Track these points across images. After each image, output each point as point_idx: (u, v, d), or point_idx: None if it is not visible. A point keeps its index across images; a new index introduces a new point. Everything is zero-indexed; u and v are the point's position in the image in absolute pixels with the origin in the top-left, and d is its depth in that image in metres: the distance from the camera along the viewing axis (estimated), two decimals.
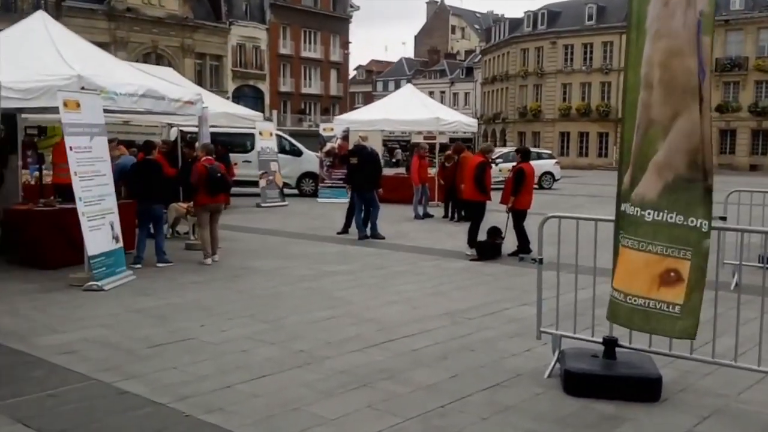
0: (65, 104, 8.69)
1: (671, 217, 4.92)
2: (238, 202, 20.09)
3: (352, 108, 54.87)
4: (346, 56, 70.33)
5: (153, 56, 48.30)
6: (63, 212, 9.99)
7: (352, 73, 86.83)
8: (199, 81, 48.78)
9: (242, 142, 22.55)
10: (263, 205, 19.95)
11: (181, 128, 16.86)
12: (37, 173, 15.35)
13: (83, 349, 6.13)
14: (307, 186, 24.03)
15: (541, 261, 5.95)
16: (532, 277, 6.10)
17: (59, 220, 9.98)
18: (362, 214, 13.79)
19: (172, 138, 18.42)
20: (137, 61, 36.74)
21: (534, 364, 5.97)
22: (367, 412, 4.90)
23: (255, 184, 20.84)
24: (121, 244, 9.42)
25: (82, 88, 9.17)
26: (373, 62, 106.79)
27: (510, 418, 4.86)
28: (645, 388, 5.26)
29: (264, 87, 60.23)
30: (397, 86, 76.87)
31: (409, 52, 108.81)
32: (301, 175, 23.98)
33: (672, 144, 4.90)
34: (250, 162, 21.93)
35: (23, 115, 12.72)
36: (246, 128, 21.04)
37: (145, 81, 10.78)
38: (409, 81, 66.99)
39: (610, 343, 5.55)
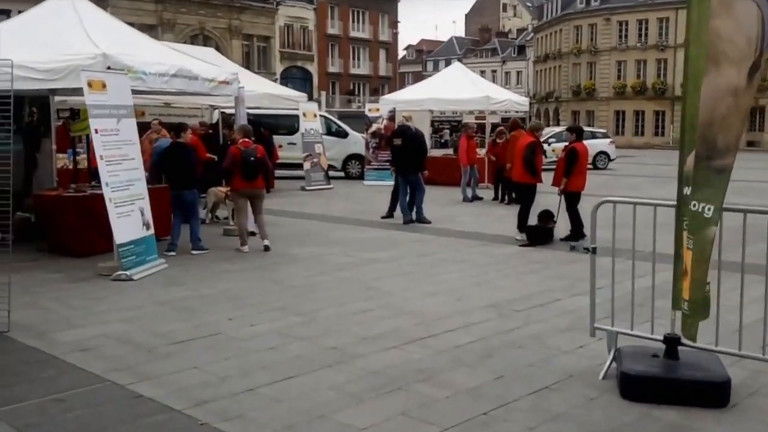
0: (89, 84, 8.29)
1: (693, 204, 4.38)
2: (283, 185, 19.72)
3: (402, 88, 54.20)
4: (395, 36, 69.51)
5: (200, 38, 48.15)
6: (94, 198, 9.62)
7: (401, 53, 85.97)
8: (247, 63, 48.70)
9: (287, 124, 22.11)
10: (307, 188, 19.51)
11: (222, 110, 16.46)
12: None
13: (100, 346, 5.72)
14: (353, 168, 23.51)
15: (594, 251, 5.29)
16: (586, 264, 5.41)
17: (90, 205, 9.62)
18: (407, 198, 13.22)
19: (215, 121, 18.12)
20: (184, 43, 36.65)
21: (587, 363, 5.36)
22: (400, 420, 4.35)
23: (300, 166, 20.39)
24: (152, 231, 9.04)
25: (108, 68, 8.76)
26: (423, 42, 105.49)
27: (560, 427, 4.28)
28: (712, 393, 4.63)
29: (312, 68, 59.80)
30: (448, 66, 75.62)
31: (460, 31, 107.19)
32: (346, 157, 23.45)
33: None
34: (294, 144, 21.52)
35: (57, 98, 12.47)
36: (291, 110, 20.62)
37: (177, 60, 10.35)
38: (459, 60, 65.77)
39: (672, 342, 4.91)
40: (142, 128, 13.47)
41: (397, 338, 5.98)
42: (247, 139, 10.17)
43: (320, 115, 22.21)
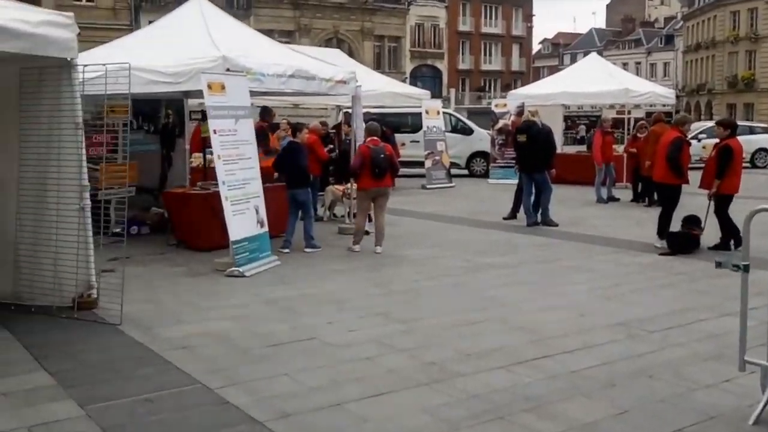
0: (209, 86, 8.43)
1: None
2: (404, 183, 19.53)
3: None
4: (529, 30, 68.02)
5: (334, 41, 49.23)
6: (216, 195, 9.81)
7: (536, 47, 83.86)
8: (378, 63, 49.40)
9: (411, 122, 21.97)
10: (428, 186, 19.25)
11: (347, 110, 16.50)
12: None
13: (200, 345, 5.74)
14: (477, 166, 23.00)
15: (746, 268, 4.40)
16: (739, 279, 4.50)
17: (212, 202, 9.82)
18: (532, 198, 12.63)
19: (339, 120, 18.25)
20: (319, 46, 37.52)
21: (733, 402, 4.61)
22: None
23: (422, 164, 20.20)
24: (266, 228, 9.10)
25: (227, 70, 8.89)
26: (560, 35, 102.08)
27: None
28: None
29: (442, 66, 59.64)
30: None
31: (600, 22, 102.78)
32: (471, 155, 22.96)
33: None
34: (417, 142, 21.33)
35: (191, 100, 12.92)
36: (415, 107, 20.45)
37: (294, 61, 10.40)
38: (599, 53, 62.69)
39: None
40: (273, 129, 13.81)
41: (506, 357, 5.56)
42: (375, 138, 10.03)
43: (445, 112, 21.89)
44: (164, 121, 12.44)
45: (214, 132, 8.46)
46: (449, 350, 5.70)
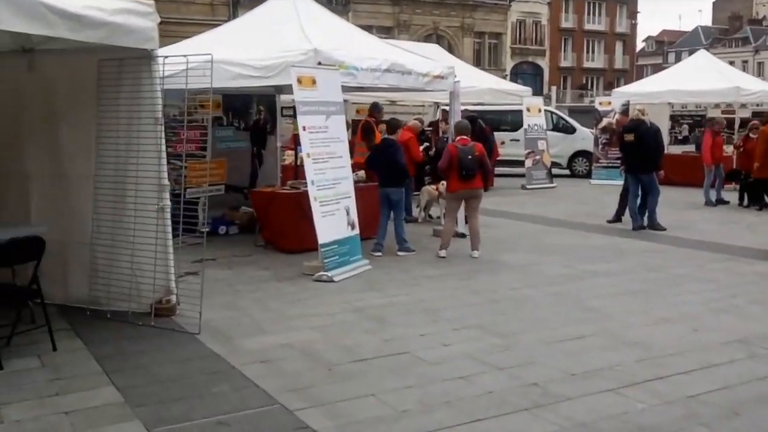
0: (299, 81, 8.10)
1: None
2: (503, 183, 18.90)
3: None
4: (633, 27, 65.75)
5: (434, 37, 48.59)
6: (305, 195, 9.50)
7: (640, 45, 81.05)
8: (477, 60, 48.62)
9: (511, 120, 21.27)
10: (528, 186, 18.48)
11: (444, 107, 15.99)
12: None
13: (282, 358, 5.36)
14: (579, 166, 22.04)
15: None
16: None
17: (301, 202, 9.51)
18: (638, 200, 11.81)
19: (437, 118, 17.75)
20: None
21: None
22: None
23: (522, 163, 19.44)
24: (357, 231, 8.71)
25: (319, 63, 8.54)
26: (665, 32, 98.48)
27: None
28: None
29: (543, 63, 58.29)
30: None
31: (706, 20, 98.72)
32: (573, 154, 22.04)
33: None
34: (518, 141, 20.61)
35: (284, 96, 12.71)
36: (515, 104, 19.72)
37: (389, 55, 9.96)
38: (705, 51, 60.38)
39: None
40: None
41: (615, 378, 4.96)
42: (464, 137, 9.50)
43: (546, 110, 21.04)
44: (255, 118, 12.23)
45: (304, 129, 8.14)
46: (552, 369, 5.13)
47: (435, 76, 10.52)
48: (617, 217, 12.41)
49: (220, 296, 7.21)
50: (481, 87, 17.24)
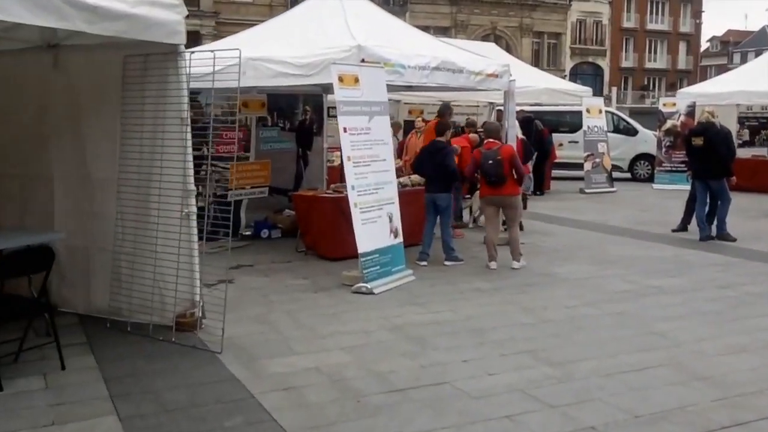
0: (340, 79, 7.60)
1: None
2: (560, 186, 18.13)
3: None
4: (697, 26, 63.61)
5: (491, 38, 47.69)
6: (348, 200, 9.02)
7: (704, 46, 78.40)
8: (536, 60, 47.66)
9: (570, 121, 20.47)
10: (587, 191, 17.64)
11: (498, 107, 15.31)
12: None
13: (306, 385, 4.82)
14: (641, 169, 21.07)
15: None
16: None
17: (344, 207, 8.99)
18: (706, 208, 10.94)
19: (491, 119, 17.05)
20: None
21: None
22: None
23: (581, 166, 18.58)
24: (400, 239, 8.16)
25: (363, 61, 8.02)
26: (730, 32, 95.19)
27: None
28: None
29: (603, 63, 56.80)
30: (758, 57, 67.31)
31: None
32: (634, 157, 21.07)
33: None
34: (576, 143, 19.77)
35: (330, 96, 12.26)
36: (574, 105, 18.88)
37: (439, 52, 9.38)
38: None
39: None
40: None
41: (687, 422, 4.28)
42: (492, 140, 8.85)
43: (607, 111, 20.13)
44: (301, 118, 11.77)
45: (345, 130, 7.63)
46: (613, 408, 4.48)
47: (489, 74, 9.91)
48: (683, 226, 11.57)
49: (252, 307, 6.75)
50: (539, 87, 16.50)
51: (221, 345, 5.42)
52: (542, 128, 17.37)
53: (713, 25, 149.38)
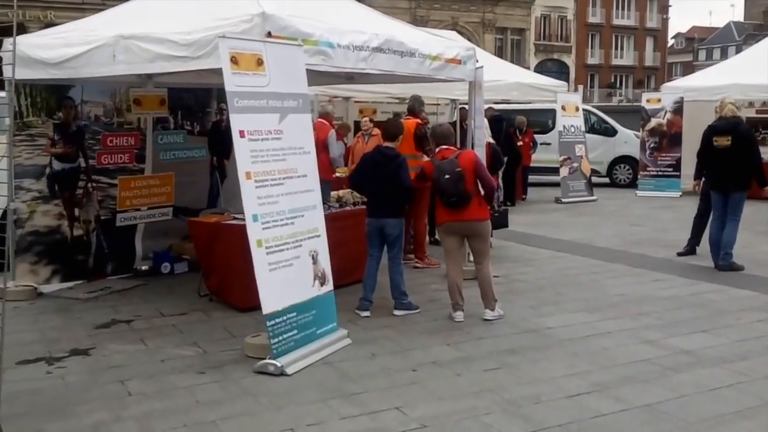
0: (234, 60, 5.21)
1: None
2: (533, 195, 15.97)
3: (669, 80, 47.63)
4: (664, 22, 62.79)
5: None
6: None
7: (669, 42, 77.51)
8: (499, 57, 45.47)
9: (540, 120, 18.42)
10: (564, 200, 15.46)
11: (462, 106, 12.89)
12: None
13: None
14: (621, 174, 19.13)
15: None
16: None
17: None
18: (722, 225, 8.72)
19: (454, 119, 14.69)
20: None
21: None
22: None
23: (555, 171, 16.40)
24: (329, 287, 5.78)
25: (269, 34, 5.62)
26: (695, 29, 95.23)
27: None
28: None
29: (569, 60, 55.41)
30: (723, 54, 66.94)
31: (739, 15, 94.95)
32: (614, 160, 19.13)
33: None
34: (549, 144, 17.67)
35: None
36: (547, 101, 16.59)
37: (382, 28, 7.03)
38: (738, 47, 57.83)
39: None
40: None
41: None
42: (446, 146, 6.52)
43: (584, 109, 18.02)
44: (215, 119, 9.26)
45: (241, 134, 5.24)
46: None
47: (448, 59, 7.61)
48: (691, 248, 9.41)
49: (92, 407, 4.35)
50: (508, 81, 14.16)
51: None
52: (516, 128, 15.26)
53: (678, 21, 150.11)
